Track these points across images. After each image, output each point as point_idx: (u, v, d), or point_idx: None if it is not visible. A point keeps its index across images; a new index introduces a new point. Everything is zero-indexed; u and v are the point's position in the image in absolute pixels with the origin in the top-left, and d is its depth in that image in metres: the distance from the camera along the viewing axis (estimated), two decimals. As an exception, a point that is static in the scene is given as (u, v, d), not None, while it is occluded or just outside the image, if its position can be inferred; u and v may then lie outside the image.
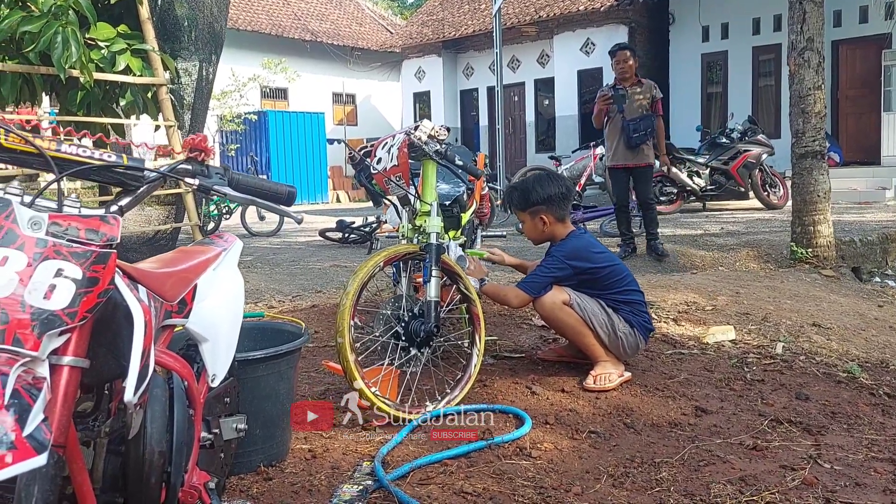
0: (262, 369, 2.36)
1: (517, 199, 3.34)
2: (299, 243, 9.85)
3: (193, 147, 1.41)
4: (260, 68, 19.17)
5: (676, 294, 4.86)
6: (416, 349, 2.94)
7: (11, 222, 1.16)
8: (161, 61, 5.41)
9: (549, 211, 3.27)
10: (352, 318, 2.78)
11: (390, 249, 2.98)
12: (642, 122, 6.48)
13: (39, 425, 1.00)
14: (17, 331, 1.09)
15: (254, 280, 6.08)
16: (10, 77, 4.79)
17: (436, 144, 2.97)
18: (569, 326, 3.15)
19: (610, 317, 3.17)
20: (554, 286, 3.15)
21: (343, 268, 6.90)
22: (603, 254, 3.29)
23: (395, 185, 3.15)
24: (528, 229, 3.35)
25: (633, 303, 3.26)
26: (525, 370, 3.41)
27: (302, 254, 8.49)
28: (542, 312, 3.15)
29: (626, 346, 3.21)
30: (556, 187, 3.28)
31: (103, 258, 1.20)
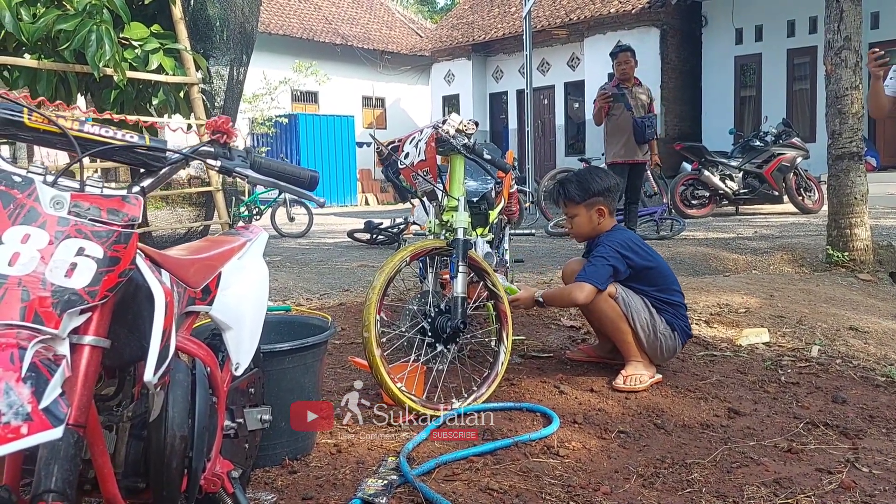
0: (287, 361, 2.35)
1: (575, 190, 3.22)
2: (328, 244, 9.89)
3: (216, 129, 1.40)
4: (291, 72, 19.34)
5: (709, 296, 4.78)
6: (443, 345, 2.91)
7: (34, 201, 1.16)
8: (193, 61, 5.46)
9: (606, 202, 3.21)
10: (378, 313, 2.76)
11: (417, 244, 2.96)
12: (651, 121, 6.83)
13: (56, 399, 0.99)
14: (37, 308, 1.09)
15: (282, 279, 6.10)
16: (46, 75, 4.86)
17: (464, 138, 2.94)
18: (609, 320, 3.09)
19: (653, 316, 3.12)
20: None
21: (370, 268, 6.90)
22: (648, 250, 3.24)
23: (423, 180, 3.13)
24: (582, 223, 3.24)
25: (676, 305, 3.20)
26: (553, 369, 3.37)
27: (330, 254, 8.51)
28: (585, 300, 3.08)
29: (664, 349, 3.15)
30: (611, 179, 3.27)
31: (125, 238, 1.19)
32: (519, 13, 17.69)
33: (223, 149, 1.43)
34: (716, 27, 15.37)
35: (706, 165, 10.19)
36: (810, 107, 14.31)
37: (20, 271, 1.09)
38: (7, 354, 0.99)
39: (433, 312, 2.93)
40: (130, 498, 1.39)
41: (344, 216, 15.74)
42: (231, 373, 1.75)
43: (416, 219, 4.68)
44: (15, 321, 1.05)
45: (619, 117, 6.87)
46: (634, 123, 6.83)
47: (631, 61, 6.89)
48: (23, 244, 1.12)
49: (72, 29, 4.63)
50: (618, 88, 6.90)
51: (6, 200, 1.14)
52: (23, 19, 4.64)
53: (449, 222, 3.03)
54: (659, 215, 8.74)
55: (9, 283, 1.08)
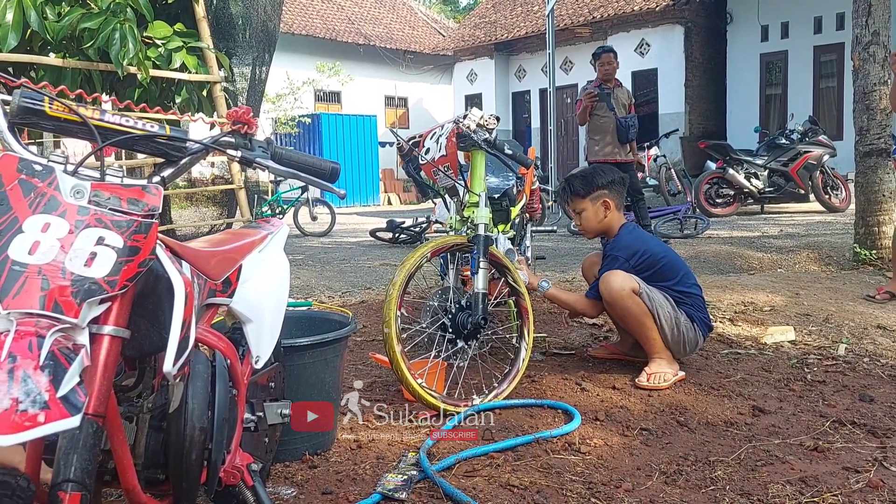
0: (308, 356, 2.35)
1: (578, 184, 3.25)
2: (350, 243, 9.92)
3: (237, 119, 1.40)
4: (314, 72, 19.42)
5: (733, 294, 4.72)
6: (464, 342, 2.90)
7: (54, 190, 1.16)
8: (216, 59, 5.49)
9: (611, 195, 3.23)
10: (399, 309, 2.76)
11: (438, 240, 2.95)
12: (633, 121, 7.03)
13: (74, 388, 0.99)
14: (57, 297, 1.09)
15: (304, 276, 6.13)
16: (71, 73, 4.91)
17: (485, 133, 2.93)
18: (633, 316, 3.06)
19: (675, 309, 3.10)
20: (623, 272, 3.07)
21: (392, 266, 6.91)
22: (658, 244, 3.23)
23: (444, 176, 3.11)
24: (589, 218, 3.25)
25: (694, 296, 3.19)
26: (575, 367, 3.35)
27: (352, 253, 8.53)
28: (609, 297, 3.06)
29: (687, 343, 3.13)
30: (615, 173, 3.32)
31: (145, 228, 1.19)
32: (542, 12, 17.62)
33: (244, 139, 1.43)
34: (741, 24, 15.21)
35: (731, 164, 10.07)
36: (837, 104, 14.11)
37: (40, 260, 1.09)
38: (25, 343, 0.99)
39: (454, 308, 2.92)
40: (150, 489, 1.39)
41: (366, 215, 15.77)
42: (251, 366, 1.75)
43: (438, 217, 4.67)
44: (35, 310, 1.05)
45: (602, 117, 7.04)
46: (618, 123, 6.99)
47: (614, 62, 7.10)
48: (43, 233, 1.12)
49: (96, 27, 4.67)
50: (600, 89, 7.07)
51: (27, 189, 1.14)
52: (48, 18, 4.70)
53: (470, 218, 3.01)
54: (683, 214, 8.67)
55: (29, 272, 1.08)
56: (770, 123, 14.78)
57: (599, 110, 7.07)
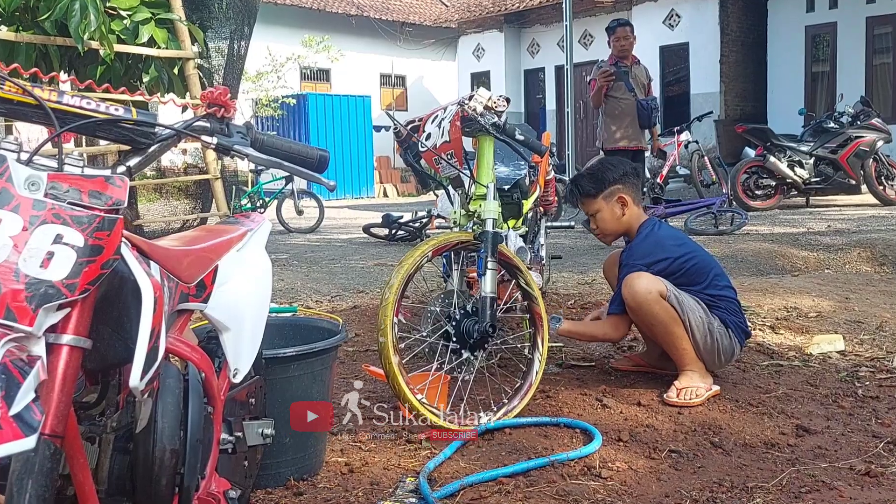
0: (293, 369, 2.36)
1: (587, 183, 3.30)
2: (340, 240, 9.93)
3: (212, 101, 1.40)
4: (300, 47, 19.45)
5: (774, 298, 4.72)
6: (469, 352, 2.91)
7: (6, 181, 1.16)
8: (188, 33, 5.50)
9: (626, 190, 3.25)
10: (396, 316, 2.76)
11: (440, 237, 2.96)
12: (655, 103, 7.10)
13: (29, 405, 0.99)
14: (10, 303, 1.08)
15: (289, 278, 6.14)
16: (25, 49, 4.92)
17: (493, 116, 2.93)
18: (661, 324, 3.06)
19: (707, 314, 3.10)
20: (649, 274, 3.08)
21: (388, 267, 6.91)
22: (683, 244, 3.24)
23: (447, 164, 3.12)
24: (605, 219, 3.28)
25: (728, 299, 3.19)
26: (595, 381, 3.35)
27: (343, 251, 8.54)
28: (634, 303, 3.06)
29: (722, 352, 3.13)
30: (626, 165, 3.36)
31: (108, 224, 1.19)
32: (557, -22, 17.61)
33: (220, 124, 1.43)
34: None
35: (772, 150, 10.06)
36: (893, 83, 14.09)
37: (-10, 260, 1.09)
38: (-26, 354, 0.99)
39: (458, 315, 2.93)
40: (115, 519, 1.40)
41: (359, 209, 15.80)
42: (229, 380, 1.75)
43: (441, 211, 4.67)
44: (-16, 317, 1.05)
45: (619, 99, 7.04)
46: (639, 106, 7.01)
47: (630, 37, 7.12)
48: (-7, 230, 1.12)
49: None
50: (616, 66, 7.05)
51: (-26, 181, 1.14)
52: (0, -13, 4.71)
53: (476, 213, 3.02)
54: (717, 207, 8.65)
55: (-23, 274, 1.08)
56: (816, 105, 14.76)
57: (616, 91, 7.07)
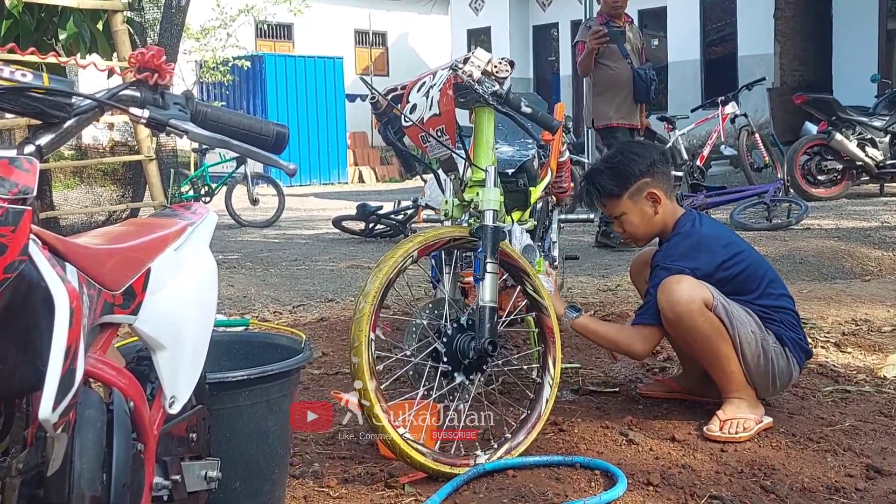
0: (244, 397, 2.35)
1: (608, 181, 3.26)
2: (305, 236, 9.93)
3: (143, 65, 1.40)
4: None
5: (840, 308, 4.73)
6: (464, 375, 2.90)
7: None
8: (117, -21, 5.48)
9: (656, 182, 3.24)
10: (372, 331, 2.75)
11: (428, 234, 2.95)
12: (653, 73, 7.18)
13: None
14: None
15: (241, 284, 6.13)
16: (-87, 0, 4.90)
17: (493, 84, 2.92)
18: (705, 340, 3.05)
19: (762, 330, 3.11)
20: (691, 279, 3.08)
21: (364, 269, 6.91)
22: (731, 244, 3.23)
23: (436, 143, 3.11)
24: (634, 222, 3.27)
25: (784, 310, 3.20)
26: (619, 410, 3.36)
27: (308, 250, 8.54)
28: (672, 313, 3.04)
29: (777, 376, 3.14)
30: (652, 150, 3.35)
31: (13, 217, 1.19)
32: (574, -87, 17.64)
33: (153, 93, 1.43)
34: (853, -69, 15.26)
35: (838, 126, 10.09)
36: None
37: None
38: None
39: (450, 329, 2.92)
40: (22, 581, 1.39)
41: (329, 197, 15.80)
42: (164, 410, 1.74)
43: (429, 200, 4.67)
44: None
45: (612, 67, 7.08)
46: (636, 76, 7.05)
47: None
48: None
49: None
50: (608, 26, 7.07)
51: None
52: None
53: (473, 203, 3.02)
54: (771, 196, 8.68)
55: None
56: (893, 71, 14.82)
57: (608, 57, 7.10)
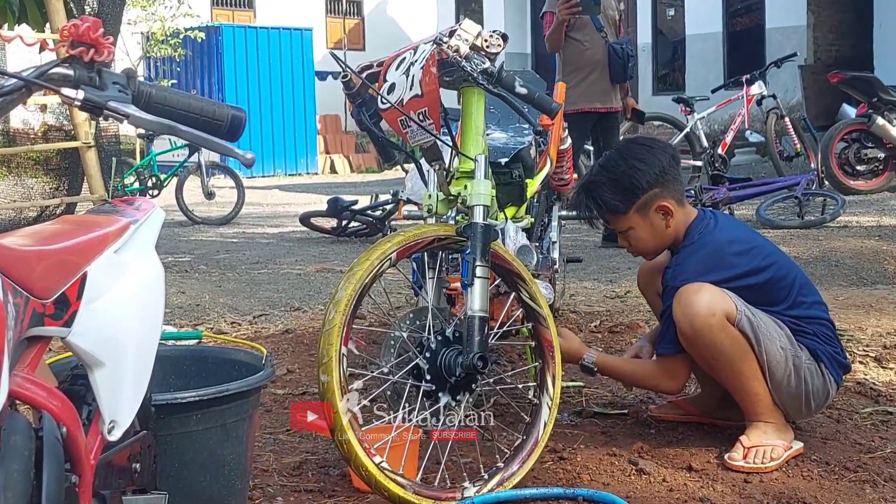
0: (196, 421, 2.36)
1: (611, 195, 3.23)
2: (268, 235, 9.92)
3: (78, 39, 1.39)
4: (211, -41, 19.39)
5: (882, 318, 4.75)
6: (449, 396, 2.90)
7: None
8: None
9: (666, 191, 3.20)
10: (344, 344, 2.75)
11: (408, 232, 2.95)
12: (631, 49, 7.30)
13: None
14: None
15: (194, 290, 6.12)
16: None
17: (484, 61, 2.92)
18: (725, 357, 3.06)
19: (793, 345, 3.12)
20: (711, 288, 3.07)
21: (336, 273, 6.90)
22: (753, 249, 3.22)
23: (418, 129, 3.11)
24: (643, 237, 3.27)
25: (818, 321, 3.20)
26: (628, 435, 3.36)
27: (272, 251, 8.53)
28: (690, 329, 3.03)
29: (812, 396, 3.15)
30: (660, 154, 3.27)
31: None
32: None
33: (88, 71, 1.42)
34: None
35: (880, 109, 10.12)
36: None
37: None
38: None
39: (434, 343, 2.92)
40: None
41: (296, 190, 15.78)
42: (102, 436, 1.74)
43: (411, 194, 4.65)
44: None
45: (584, 43, 7.12)
46: (611, 52, 7.07)
47: None
48: None
49: None
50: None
51: None
52: None
53: (460, 197, 3.02)
54: (803, 189, 8.70)
55: None
56: (943, 44, 14.89)
57: (580, 30, 7.11)
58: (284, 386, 3.94)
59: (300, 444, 3.31)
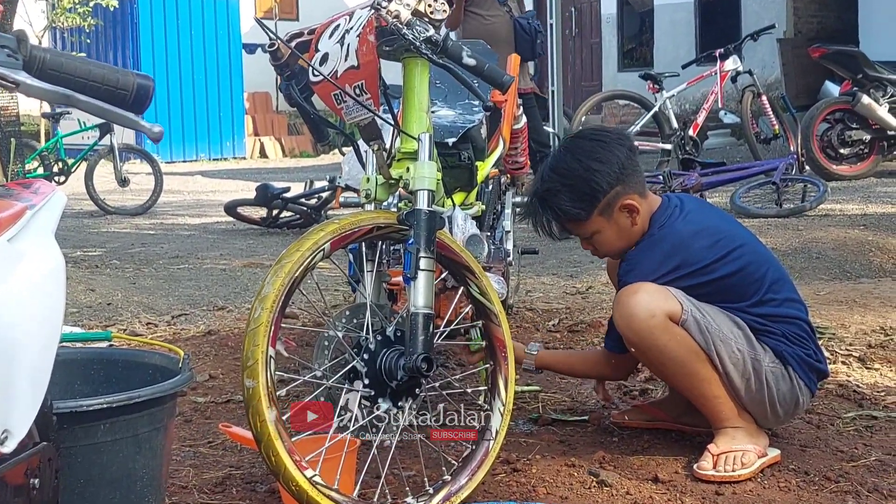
0: (103, 431, 2.34)
1: (570, 203, 3.22)
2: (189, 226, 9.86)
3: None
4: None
5: (866, 315, 4.80)
6: (390, 402, 2.89)
7: None
8: None
9: (629, 189, 3.20)
10: (272, 345, 2.74)
11: (343, 221, 2.93)
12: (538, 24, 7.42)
13: None
14: None
15: (105, 288, 6.07)
16: None
17: (427, 28, 2.92)
18: (675, 362, 3.07)
19: (752, 346, 3.13)
20: (650, 286, 3.08)
21: (265, 269, 6.87)
22: (722, 239, 3.22)
23: (354, 105, 3.10)
24: (609, 239, 3.29)
25: (787, 320, 3.21)
26: (589, 444, 3.37)
27: (194, 245, 8.48)
28: (631, 334, 3.07)
29: (778, 402, 3.16)
30: (617, 146, 3.24)
31: None
32: None
33: (-29, 33, 1.40)
34: None
35: (866, 86, 10.22)
36: None
37: None
38: None
39: (373, 343, 2.91)
40: None
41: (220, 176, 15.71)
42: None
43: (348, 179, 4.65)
44: None
45: (487, 17, 7.27)
46: (517, 27, 7.22)
47: None
48: None
49: None
50: None
51: None
52: None
53: (403, 181, 3.01)
54: (782, 174, 8.76)
55: None
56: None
57: (481, 4, 7.26)
58: (206, 393, 3.92)
59: (223, 457, 3.29)
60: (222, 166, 18.41)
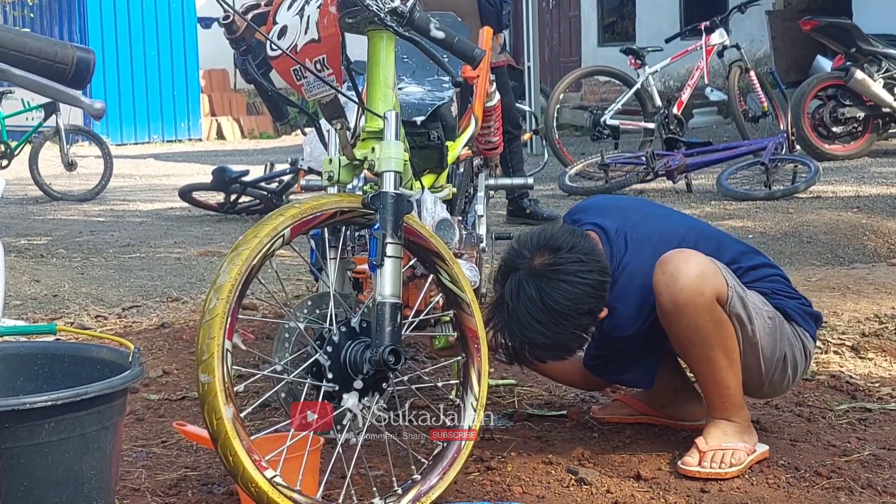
0: (48, 430, 2.32)
1: (558, 355, 3.22)
2: (141, 213, 9.83)
3: None
4: None
5: (859, 301, 4.83)
6: (355, 397, 2.89)
7: None
8: None
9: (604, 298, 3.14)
10: (228, 338, 2.73)
11: (304, 204, 2.93)
12: None
13: None
14: None
15: (50, 278, 6.04)
16: None
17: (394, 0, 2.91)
18: (705, 345, 3.06)
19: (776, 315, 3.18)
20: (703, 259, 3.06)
21: (223, 256, 6.87)
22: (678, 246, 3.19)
23: (315, 81, 3.09)
24: None
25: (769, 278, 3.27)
26: (566, 440, 3.38)
27: (146, 232, 8.45)
28: (671, 304, 3.02)
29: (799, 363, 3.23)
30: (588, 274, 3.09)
31: None
32: None
33: None
34: None
35: (859, 61, 10.26)
36: None
37: None
38: None
39: (337, 335, 2.91)
40: None
41: (175, 159, 15.67)
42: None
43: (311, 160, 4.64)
44: None
45: None
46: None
47: None
48: None
49: None
50: None
51: None
52: None
53: (368, 162, 3.00)
54: (771, 154, 8.77)
55: None
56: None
57: None
58: (160, 390, 3.91)
59: (178, 457, 3.28)
60: (176, 148, 18.34)
